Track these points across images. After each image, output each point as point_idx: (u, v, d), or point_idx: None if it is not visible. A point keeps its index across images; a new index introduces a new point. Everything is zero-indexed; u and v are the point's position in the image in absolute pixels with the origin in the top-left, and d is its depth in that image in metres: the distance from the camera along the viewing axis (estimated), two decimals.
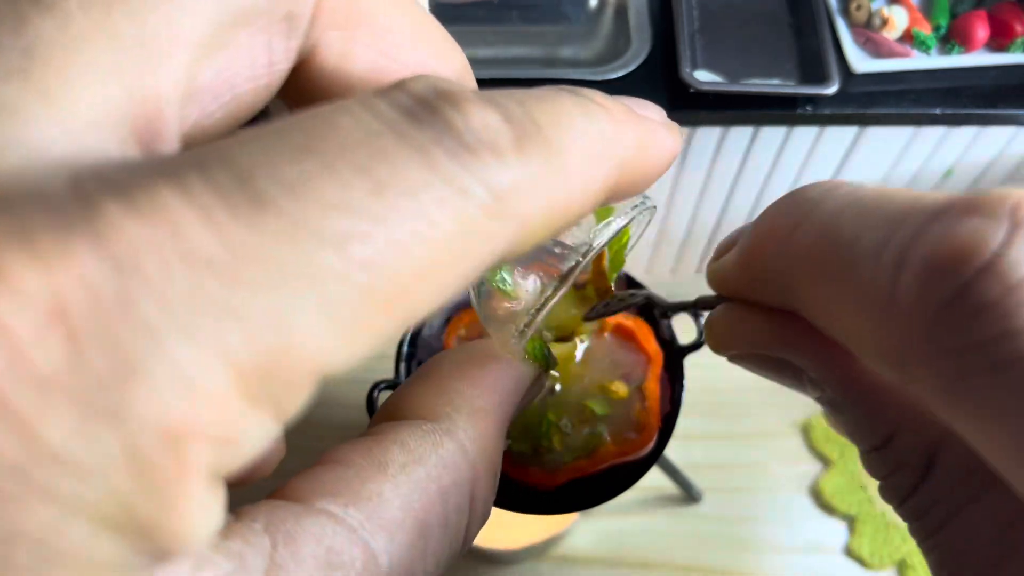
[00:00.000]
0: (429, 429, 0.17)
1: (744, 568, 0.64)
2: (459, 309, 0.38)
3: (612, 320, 0.35)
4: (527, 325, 0.20)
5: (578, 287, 0.27)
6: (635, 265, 0.71)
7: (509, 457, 0.32)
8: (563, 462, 0.32)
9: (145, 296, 0.09)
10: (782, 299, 0.19)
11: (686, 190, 0.61)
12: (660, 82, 0.54)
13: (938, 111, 0.53)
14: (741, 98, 0.53)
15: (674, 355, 0.36)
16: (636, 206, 0.20)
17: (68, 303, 0.09)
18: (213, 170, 0.10)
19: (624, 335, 0.36)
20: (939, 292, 0.13)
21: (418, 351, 0.37)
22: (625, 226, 0.19)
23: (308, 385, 0.11)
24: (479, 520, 0.18)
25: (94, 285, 0.09)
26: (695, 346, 0.36)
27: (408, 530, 0.15)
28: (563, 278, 0.19)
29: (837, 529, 0.66)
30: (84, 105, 0.12)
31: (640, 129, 0.16)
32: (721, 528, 0.66)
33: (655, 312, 0.37)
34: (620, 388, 0.34)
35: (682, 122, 0.54)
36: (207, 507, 0.10)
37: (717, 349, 0.23)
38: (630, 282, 0.38)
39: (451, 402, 0.19)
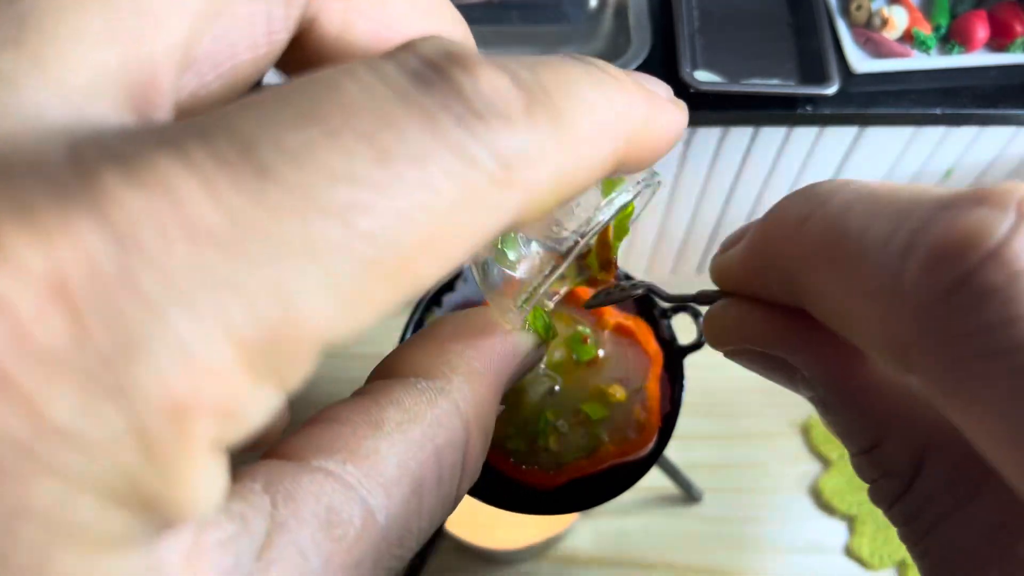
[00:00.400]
0: (424, 387, 0.17)
1: (744, 568, 0.64)
2: (463, 306, 0.38)
3: (612, 320, 0.35)
4: (527, 300, 0.19)
5: (579, 257, 0.27)
6: (635, 265, 0.71)
7: (507, 455, 0.32)
8: (562, 462, 0.32)
9: (146, 269, 0.09)
10: (787, 292, 0.19)
11: (686, 190, 0.61)
12: None
13: (938, 111, 0.53)
14: (741, 98, 0.53)
15: (674, 355, 0.36)
16: (640, 181, 0.20)
17: (69, 278, 0.09)
18: (215, 138, 0.10)
19: (624, 335, 0.36)
20: (944, 279, 0.13)
21: None
22: (630, 201, 0.19)
23: (311, 356, 0.11)
24: (469, 479, 0.18)
25: (95, 259, 0.09)
26: (695, 346, 0.36)
27: (404, 487, 0.15)
28: (565, 254, 0.19)
29: (837, 529, 0.66)
30: (79, 72, 0.11)
31: (649, 102, 0.16)
32: (721, 528, 0.66)
33: (655, 312, 0.37)
34: (618, 392, 0.34)
35: None
36: (211, 478, 0.10)
37: (714, 344, 0.23)
38: (630, 279, 0.38)
39: (448, 362, 0.18)
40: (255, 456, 0.15)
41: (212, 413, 0.10)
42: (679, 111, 0.17)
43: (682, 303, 0.27)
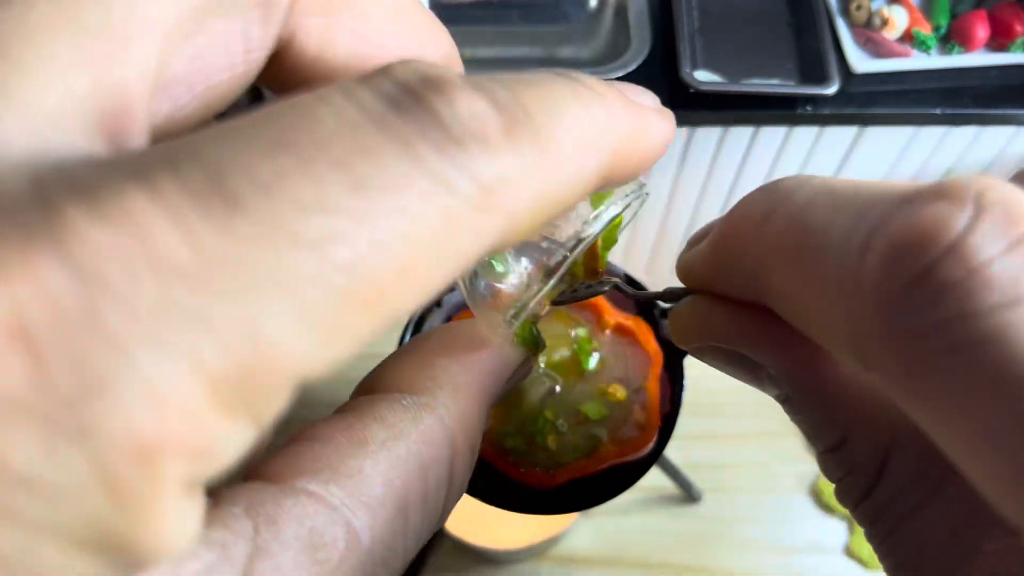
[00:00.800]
0: (409, 403, 0.17)
1: (744, 568, 0.64)
2: (460, 309, 0.38)
3: (612, 320, 0.35)
4: (516, 315, 0.19)
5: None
6: (635, 265, 0.71)
7: (507, 455, 0.32)
8: (562, 462, 0.32)
9: (111, 308, 0.09)
10: (750, 289, 0.19)
11: (686, 190, 0.61)
12: (660, 82, 0.54)
13: (938, 111, 0.53)
14: (741, 98, 0.53)
15: (674, 355, 0.36)
16: (629, 194, 0.20)
17: (30, 318, 0.09)
18: (184, 168, 0.10)
19: (624, 335, 0.36)
20: (901, 274, 0.13)
21: None
22: (619, 213, 0.19)
23: (285, 390, 0.11)
24: (456, 495, 0.18)
25: (57, 298, 0.09)
26: None
27: (389, 507, 0.15)
28: (554, 269, 0.19)
29: (837, 529, 0.66)
30: (46, 99, 0.11)
31: (634, 116, 0.15)
32: (721, 528, 0.66)
33: (655, 312, 0.37)
34: (618, 391, 0.34)
35: (682, 122, 0.54)
36: (184, 517, 0.10)
37: (680, 341, 0.23)
38: (630, 281, 0.38)
39: (433, 377, 0.18)
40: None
41: (182, 452, 0.10)
42: (665, 121, 0.17)
43: (648, 300, 0.27)
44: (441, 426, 0.17)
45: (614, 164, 0.15)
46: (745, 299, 0.19)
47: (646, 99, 0.17)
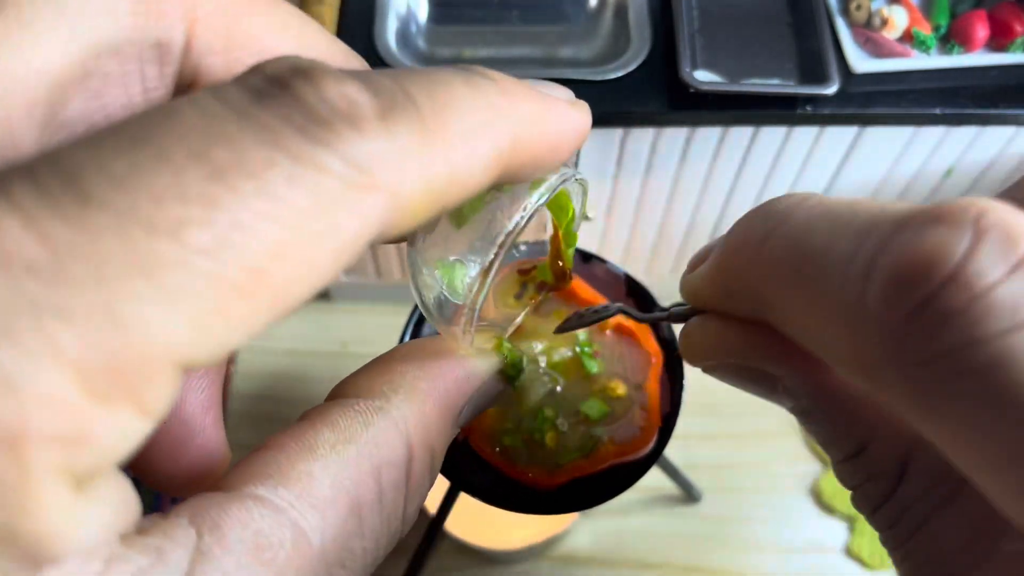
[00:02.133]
0: (362, 408, 0.17)
1: (744, 568, 0.64)
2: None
3: (612, 320, 0.35)
4: (468, 320, 0.20)
5: (523, 272, 0.27)
6: (635, 265, 0.71)
7: (505, 454, 0.32)
8: (561, 462, 0.32)
9: None
10: (754, 310, 0.19)
11: (686, 190, 0.61)
12: (660, 82, 0.54)
13: (938, 111, 0.53)
14: (741, 98, 0.53)
15: (674, 355, 0.36)
16: (555, 183, 0.20)
17: None
18: (39, 173, 0.10)
19: (624, 335, 0.36)
20: (906, 302, 0.13)
21: None
22: (540, 204, 0.19)
23: (167, 375, 0.11)
24: (417, 497, 0.18)
25: None
26: None
27: (340, 507, 0.15)
28: (485, 271, 0.19)
29: (837, 529, 0.66)
30: None
31: (536, 102, 0.15)
32: (721, 528, 0.66)
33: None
34: (618, 387, 0.34)
35: (682, 122, 0.54)
36: (75, 511, 0.10)
37: (691, 360, 0.23)
38: (630, 281, 0.38)
39: (390, 381, 0.18)
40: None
41: (51, 440, 0.10)
42: (577, 111, 0.17)
43: (655, 322, 0.27)
44: (394, 429, 0.17)
45: (516, 149, 0.15)
46: (750, 319, 0.19)
47: (557, 91, 0.17)
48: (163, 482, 0.19)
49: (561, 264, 0.25)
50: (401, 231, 0.14)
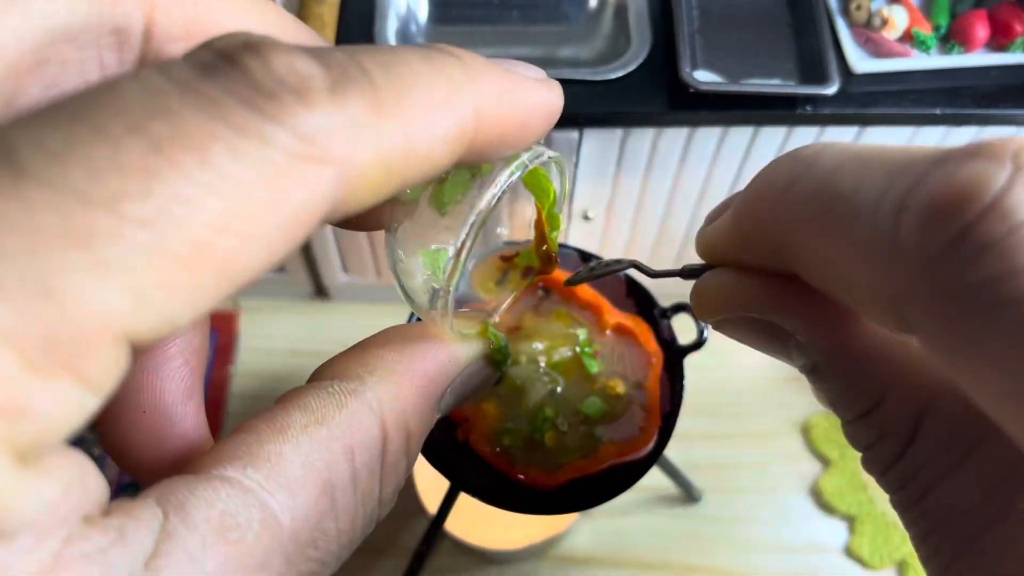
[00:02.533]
0: (335, 390, 0.17)
1: (744, 568, 0.64)
2: (459, 305, 0.37)
3: (612, 320, 0.35)
4: (444, 304, 0.20)
5: (505, 259, 0.27)
6: None
7: (506, 454, 0.32)
8: (562, 462, 0.32)
9: None
10: (776, 258, 0.18)
11: (686, 190, 0.61)
12: (660, 82, 0.54)
13: (938, 111, 0.53)
14: (741, 98, 0.53)
15: (674, 355, 0.36)
16: (520, 160, 0.19)
17: None
18: None
19: (624, 335, 0.36)
20: (941, 233, 0.13)
21: None
22: (512, 180, 0.19)
23: (111, 349, 0.11)
24: (392, 481, 0.18)
25: None
26: (695, 346, 0.36)
27: (311, 488, 0.15)
28: (458, 252, 0.19)
29: (837, 529, 0.66)
30: None
31: (501, 78, 0.15)
32: (721, 528, 0.66)
33: (655, 312, 0.37)
34: (618, 385, 0.34)
35: (682, 122, 0.54)
36: (19, 483, 0.10)
37: (704, 314, 0.22)
38: (630, 281, 0.38)
39: (365, 363, 0.18)
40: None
41: None
42: (545, 88, 0.17)
43: (668, 276, 0.27)
44: (368, 410, 0.17)
45: (482, 126, 0.15)
46: (770, 269, 0.19)
47: (527, 70, 0.17)
48: (144, 471, 0.19)
49: (546, 248, 0.25)
50: (360, 205, 0.13)
